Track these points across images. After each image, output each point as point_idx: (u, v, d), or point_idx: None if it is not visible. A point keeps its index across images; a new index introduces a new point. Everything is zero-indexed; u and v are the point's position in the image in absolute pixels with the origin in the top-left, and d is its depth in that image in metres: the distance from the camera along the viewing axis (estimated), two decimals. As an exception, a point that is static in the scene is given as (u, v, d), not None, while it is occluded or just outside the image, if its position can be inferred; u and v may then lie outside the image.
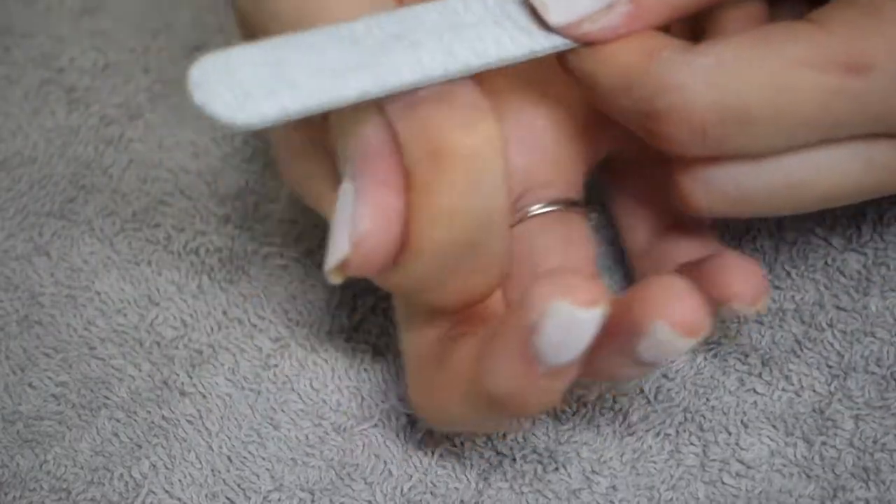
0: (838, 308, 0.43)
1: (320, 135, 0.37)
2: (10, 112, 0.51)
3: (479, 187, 0.35)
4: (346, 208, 0.35)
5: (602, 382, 0.42)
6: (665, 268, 0.41)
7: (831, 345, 0.43)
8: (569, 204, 0.42)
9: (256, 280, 0.46)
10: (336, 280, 0.35)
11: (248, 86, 0.34)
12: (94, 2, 0.53)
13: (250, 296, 0.45)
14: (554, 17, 0.37)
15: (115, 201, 0.48)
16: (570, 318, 0.33)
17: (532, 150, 0.42)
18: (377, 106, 0.35)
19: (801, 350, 0.43)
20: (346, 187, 0.35)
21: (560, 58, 0.38)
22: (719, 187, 0.38)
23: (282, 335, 0.45)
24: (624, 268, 0.45)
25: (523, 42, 0.37)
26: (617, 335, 0.35)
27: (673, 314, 0.34)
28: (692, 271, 0.39)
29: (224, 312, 0.45)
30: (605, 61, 0.37)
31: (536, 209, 0.41)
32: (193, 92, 0.34)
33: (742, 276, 0.38)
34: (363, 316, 0.45)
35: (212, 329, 0.45)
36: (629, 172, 0.43)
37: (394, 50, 0.35)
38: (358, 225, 0.35)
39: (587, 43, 0.37)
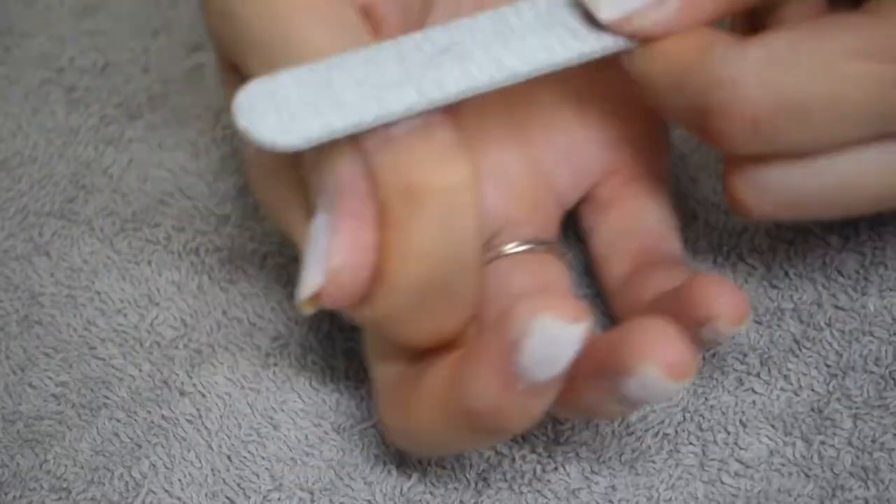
0: (836, 307, 0.43)
1: (294, 160, 0.37)
2: (10, 112, 0.51)
3: (452, 227, 0.35)
4: (320, 240, 0.35)
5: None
6: (643, 300, 0.41)
7: (830, 344, 0.43)
8: (544, 244, 0.41)
9: (256, 279, 0.46)
10: (308, 311, 0.35)
11: (294, 107, 0.34)
12: (94, 2, 0.53)
13: (250, 295, 0.45)
14: (605, 13, 0.36)
15: (115, 201, 0.48)
16: (555, 333, 0.33)
17: (508, 189, 0.42)
18: (352, 140, 0.35)
19: (800, 349, 0.43)
20: (320, 219, 0.35)
21: (616, 59, 0.37)
22: (771, 189, 0.38)
23: (281, 334, 0.45)
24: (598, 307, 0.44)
25: (573, 45, 0.37)
26: (602, 373, 0.35)
27: (662, 356, 0.34)
28: (671, 300, 0.38)
29: (224, 312, 0.45)
30: (656, 59, 0.37)
31: (511, 248, 0.41)
32: (238, 117, 0.34)
33: (723, 296, 0.37)
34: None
35: (211, 329, 0.45)
36: (606, 206, 0.43)
37: (441, 63, 0.35)
38: (332, 258, 0.34)
39: (639, 41, 0.37)
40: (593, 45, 0.37)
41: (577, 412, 0.38)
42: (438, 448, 0.40)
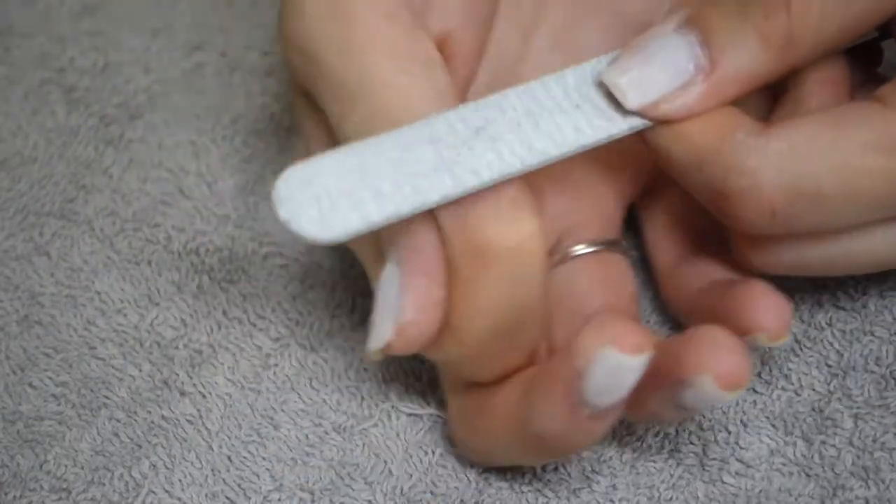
0: (837, 307, 0.43)
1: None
2: (10, 112, 0.50)
3: (520, 281, 0.35)
4: (390, 294, 0.36)
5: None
6: (692, 287, 0.41)
7: (830, 344, 0.43)
8: (609, 243, 0.42)
9: (256, 279, 0.45)
10: (376, 358, 0.36)
11: (332, 197, 0.34)
12: (94, 2, 0.53)
13: (250, 295, 0.45)
14: (631, 102, 0.37)
15: (114, 201, 0.48)
16: (617, 365, 0.34)
17: (570, 192, 0.42)
18: None
19: (801, 349, 0.43)
20: (391, 271, 0.36)
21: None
22: (779, 258, 0.39)
23: (282, 335, 0.44)
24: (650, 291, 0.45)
25: (602, 125, 0.37)
26: (662, 382, 0.35)
27: (718, 368, 0.34)
28: (719, 293, 0.39)
29: (224, 312, 0.45)
30: (679, 139, 0.37)
31: (577, 250, 0.41)
32: (279, 207, 0.34)
33: (771, 310, 0.38)
34: (362, 316, 0.44)
35: (211, 329, 0.45)
36: (660, 195, 0.44)
37: (474, 146, 0.35)
38: (402, 314, 0.35)
39: (664, 121, 0.37)
40: (621, 125, 0.37)
41: (640, 418, 0.39)
42: (506, 462, 0.41)
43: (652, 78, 0.37)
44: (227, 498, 0.41)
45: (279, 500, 0.41)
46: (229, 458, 0.42)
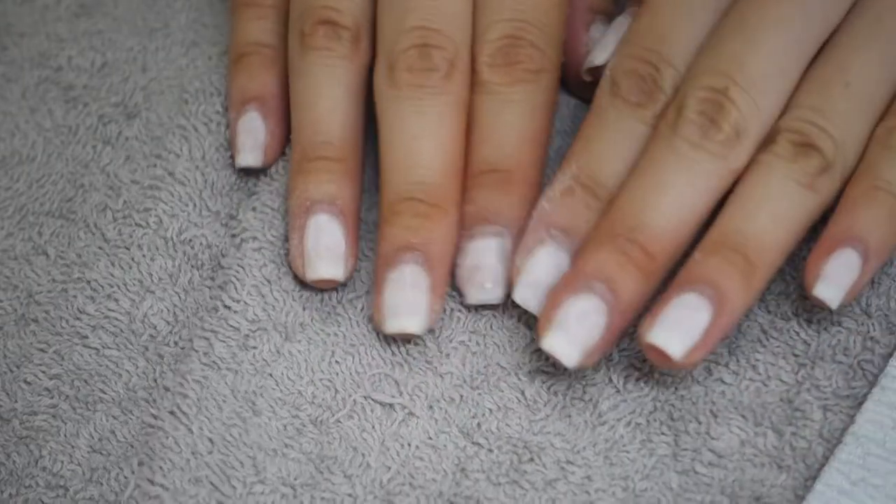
0: (804, 297, 0.42)
1: None
2: (9, 111, 0.49)
3: None
4: None
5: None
6: None
7: (797, 334, 0.41)
8: None
9: (229, 268, 0.44)
10: None
11: None
12: (91, 1, 0.52)
13: (224, 284, 0.44)
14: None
15: (108, 196, 0.47)
16: None
17: None
18: None
19: (767, 339, 0.41)
20: None
21: None
22: None
23: (258, 317, 0.43)
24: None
25: None
26: None
27: None
28: None
29: (204, 306, 0.44)
30: None
31: None
32: None
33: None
34: (332, 307, 0.43)
35: (195, 325, 0.43)
36: None
37: None
38: None
39: None
40: None
41: None
42: None
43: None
44: (212, 483, 0.40)
45: (262, 493, 0.40)
46: (210, 440, 0.41)
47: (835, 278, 0.39)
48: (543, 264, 0.41)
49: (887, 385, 0.39)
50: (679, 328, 0.39)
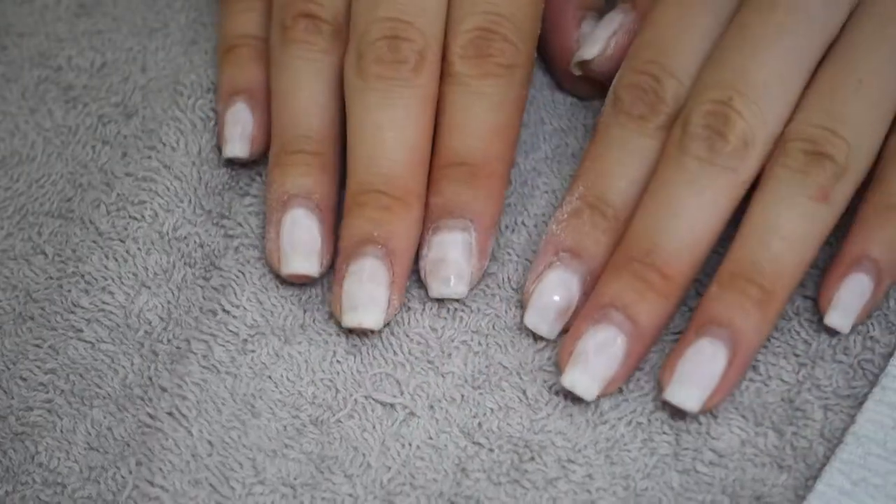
0: (805, 297, 0.42)
1: None
2: (8, 111, 0.49)
3: None
4: None
5: None
6: None
7: (798, 333, 0.41)
8: None
9: (228, 271, 0.44)
10: None
11: None
12: (91, 1, 0.52)
13: (223, 287, 0.44)
14: None
15: (105, 193, 0.46)
16: None
17: None
18: None
19: (769, 339, 0.41)
20: None
21: None
22: None
23: (257, 322, 0.43)
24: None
25: None
26: None
27: None
28: None
29: (200, 308, 0.44)
30: None
31: None
32: None
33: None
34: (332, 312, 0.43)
35: (189, 324, 0.43)
36: None
37: None
38: None
39: None
40: None
41: None
42: None
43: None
44: (211, 485, 0.40)
45: (262, 493, 0.40)
46: (210, 443, 0.41)
47: (847, 306, 0.40)
48: (552, 288, 0.41)
49: (888, 385, 0.39)
50: (695, 382, 0.39)
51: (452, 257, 0.42)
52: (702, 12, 0.41)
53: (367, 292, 0.41)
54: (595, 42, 0.44)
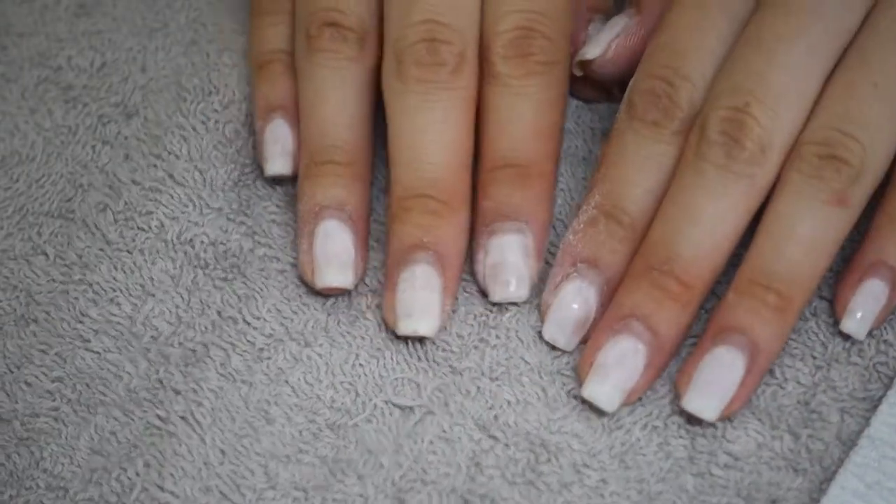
0: (821, 298, 0.42)
1: None
2: (8, 111, 0.49)
3: None
4: None
5: None
6: None
7: (815, 335, 0.41)
8: None
9: (252, 281, 0.44)
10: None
11: None
12: (91, 1, 0.51)
13: (245, 296, 0.44)
14: None
15: (109, 196, 0.46)
16: None
17: None
18: None
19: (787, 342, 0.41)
20: None
21: None
22: None
23: (275, 331, 0.43)
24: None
25: None
26: None
27: None
28: None
29: (219, 312, 0.43)
30: None
31: None
32: None
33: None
34: (358, 314, 0.43)
35: (206, 328, 0.43)
36: None
37: None
38: None
39: None
40: None
41: None
42: None
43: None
44: (221, 493, 0.40)
45: (273, 499, 0.40)
46: (222, 451, 0.41)
47: (862, 313, 0.40)
48: (570, 300, 0.41)
49: (902, 388, 0.40)
50: (713, 391, 0.39)
51: (511, 260, 0.42)
52: (717, 15, 0.41)
53: (421, 299, 0.41)
54: (597, 43, 0.44)
